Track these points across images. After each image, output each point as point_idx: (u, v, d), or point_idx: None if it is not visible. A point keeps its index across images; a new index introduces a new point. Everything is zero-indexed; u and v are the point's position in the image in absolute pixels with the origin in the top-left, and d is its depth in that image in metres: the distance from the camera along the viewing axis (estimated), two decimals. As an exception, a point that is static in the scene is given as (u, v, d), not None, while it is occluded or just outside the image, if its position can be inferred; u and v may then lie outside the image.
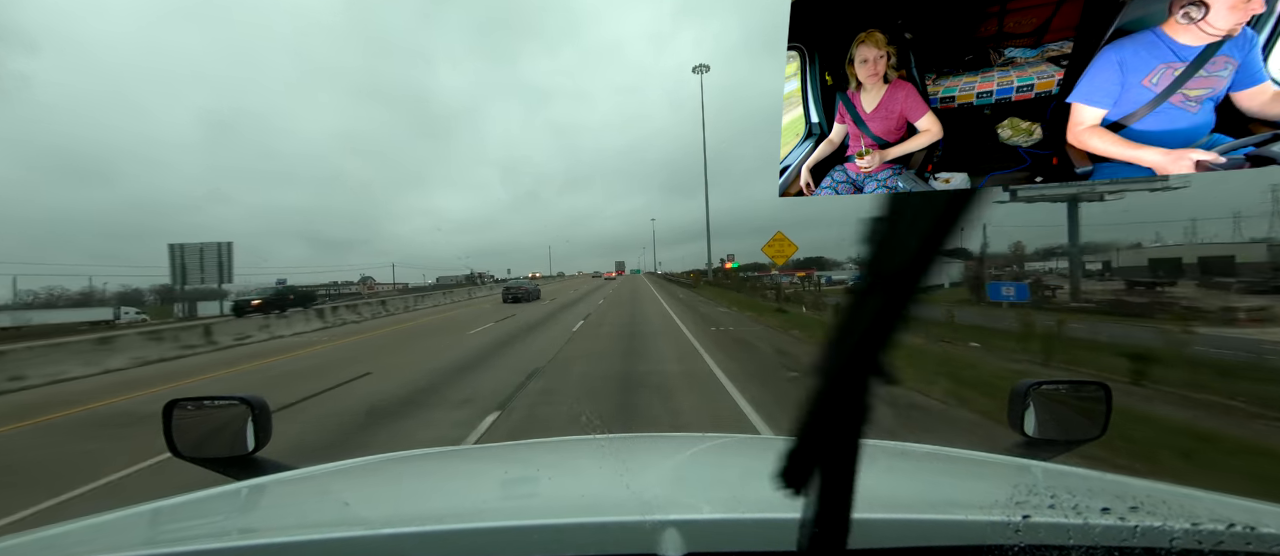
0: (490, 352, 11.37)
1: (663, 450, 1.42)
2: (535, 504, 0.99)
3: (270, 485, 1.13)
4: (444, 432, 5.62)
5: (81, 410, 7.65)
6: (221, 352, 14.58)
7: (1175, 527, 0.64)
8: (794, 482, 0.53)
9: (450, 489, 1.11)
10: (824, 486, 0.53)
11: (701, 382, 7.74)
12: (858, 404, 0.50)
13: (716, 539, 0.69)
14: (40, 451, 5.78)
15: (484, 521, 0.75)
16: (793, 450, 0.53)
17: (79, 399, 8.49)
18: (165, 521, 0.93)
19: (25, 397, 9.12)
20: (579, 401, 6.66)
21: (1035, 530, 0.65)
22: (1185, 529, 0.64)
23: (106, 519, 0.88)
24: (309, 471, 1.24)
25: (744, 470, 1.19)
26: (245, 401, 1.32)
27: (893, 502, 0.90)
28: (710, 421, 5.78)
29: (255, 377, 10.12)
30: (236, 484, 1.15)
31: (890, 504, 0.88)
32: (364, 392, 7.71)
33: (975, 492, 0.98)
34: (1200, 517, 0.67)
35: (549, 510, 0.91)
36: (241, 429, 1.31)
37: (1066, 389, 1.35)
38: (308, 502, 1.04)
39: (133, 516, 0.91)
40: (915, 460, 1.24)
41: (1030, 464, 1.11)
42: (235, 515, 0.96)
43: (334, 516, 0.91)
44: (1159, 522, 0.65)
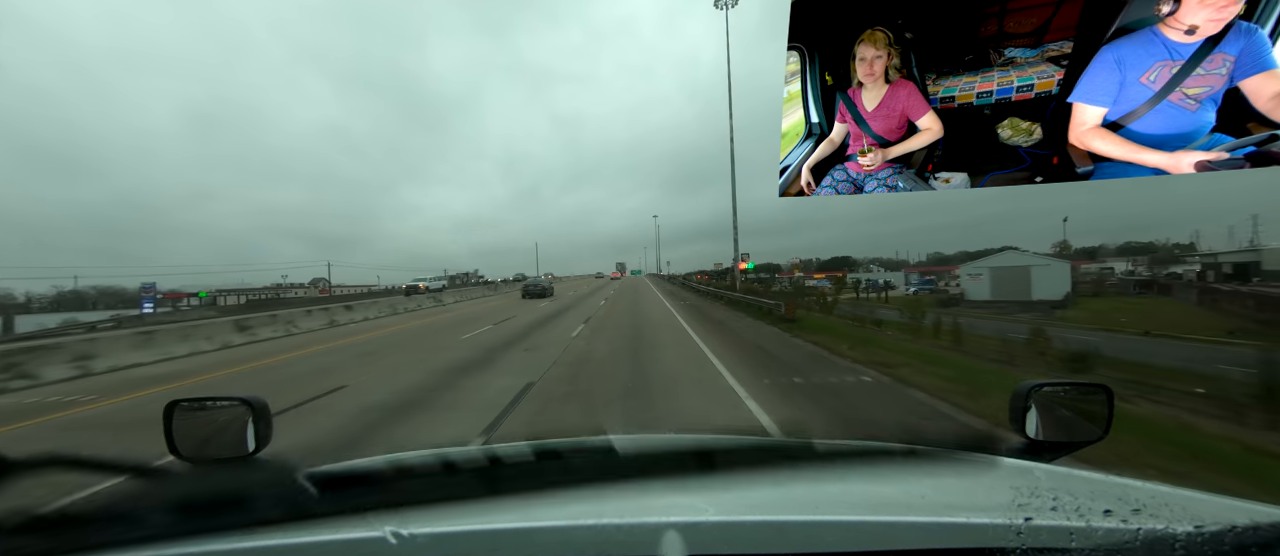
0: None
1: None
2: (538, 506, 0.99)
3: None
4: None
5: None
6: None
7: (1178, 530, 0.64)
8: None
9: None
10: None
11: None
12: None
13: (718, 541, 0.69)
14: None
15: (486, 523, 0.75)
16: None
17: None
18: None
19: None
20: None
21: (1038, 532, 0.65)
22: (1188, 531, 0.64)
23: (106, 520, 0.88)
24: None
25: (750, 472, 1.19)
26: (246, 402, 1.33)
27: (895, 504, 0.90)
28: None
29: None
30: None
31: (892, 505, 0.88)
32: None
33: (977, 494, 0.98)
34: (1203, 520, 0.66)
35: (551, 512, 0.91)
36: (242, 430, 1.31)
37: (1068, 390, 1.35)
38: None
39: (132, 518, 0.90)
40: (917, 462, 1.24)
41: (1032, 466, 1.11)
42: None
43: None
44: (1162, 525, 0.65)
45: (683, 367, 8.74)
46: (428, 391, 7.38)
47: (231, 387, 8.57)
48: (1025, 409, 1.27)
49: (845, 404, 6.53)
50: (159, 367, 11.06)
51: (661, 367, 8.73)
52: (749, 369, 8.58)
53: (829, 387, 7.31)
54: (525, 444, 0.95)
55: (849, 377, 8.00)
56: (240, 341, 14.85)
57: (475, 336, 13.92)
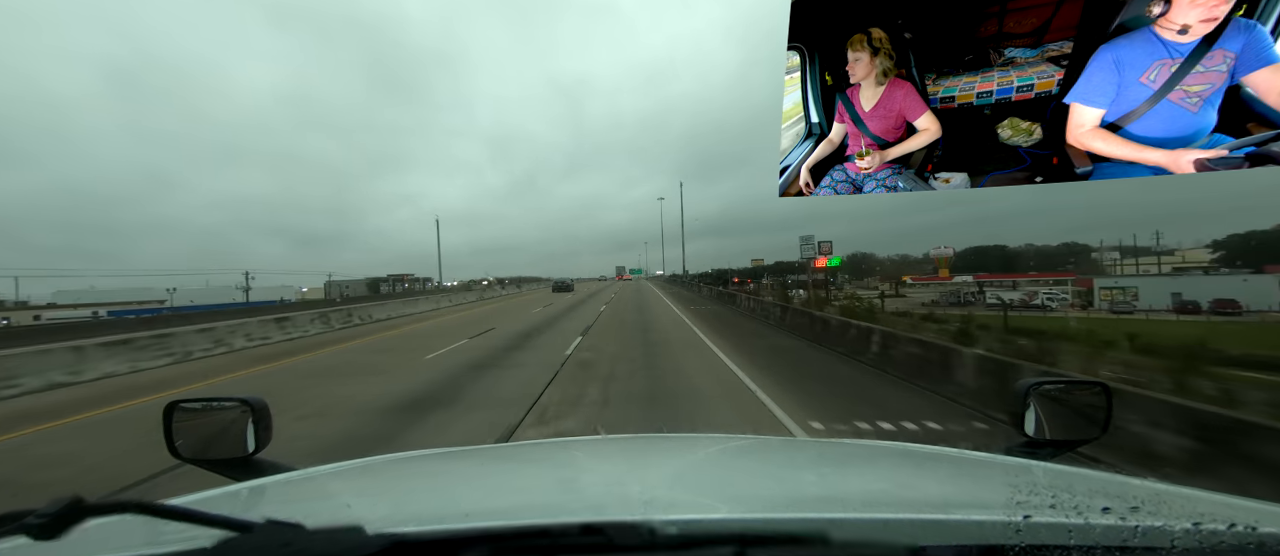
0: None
1: (667, 450, 1.42)
2: (536, 503, 0.99)
3: (270, 486, 1.13)
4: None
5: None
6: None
7: (1176, 527, 0.64)
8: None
9: (451, 490, 1.11)
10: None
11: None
12: None
13: (717, 538, 0.69)
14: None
15: (485, 521, 0.75)
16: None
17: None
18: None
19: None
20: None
21: (1036, 530, 0.65)
22: (1186, 529, 0.64)
23: (107, 521, 0.88)
24: (310, 472, 1.24)
25: (749, 470, 1.19)
26: (246, 403, 1.33)
27: (893, 501, 0.90)
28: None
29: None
30: (237, 485, 1.15)
31: (890, 502, 0.88)
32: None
33: (976, 492, 0.98)
34: (1202, 517, 0.67)
35: (550, 510, 0.91)
36: (242, 430, 1.32)
37: (1067, 389, 1.35)
38: (309, 503, 1.04)
39: (132, 518, 0.90)
40: (916, 460, 1.24)
41: (1031, 463, 1.11)
42: (235, 516, 0.96)
43: (335, 517, 0.90)
44: (1160, 523, 0.65)
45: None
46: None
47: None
48: (1025, 406, 1.27)
49: None
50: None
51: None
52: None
53: None
54: (528, 444, 0.93)
55: None
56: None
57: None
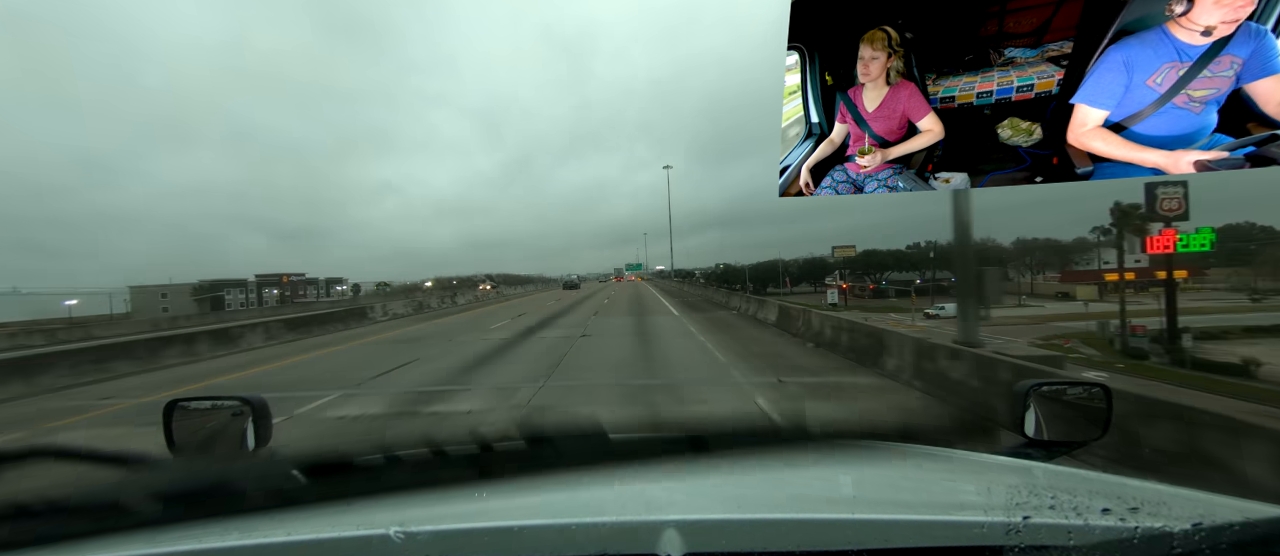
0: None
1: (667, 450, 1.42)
2: (537, 502, 0.99)
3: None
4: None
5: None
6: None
7: (1176, 529, 0.64)
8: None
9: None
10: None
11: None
12: None
13: (717, 539, 0.69)
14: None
15: (486, 521, 0.75)
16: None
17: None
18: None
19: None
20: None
21: (1036, 531, 0.65)
22: (1186, 529, 0.64)
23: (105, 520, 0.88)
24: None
25: (749, 471, 1.19)
26: (246, 402, 1.32)
27: (893, 503, 0.90)
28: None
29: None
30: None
31: (891, 504, 0.88)
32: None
33: (976, 493, 0.98)
34: (1201, 518, 0.67)
35: (550, 509, 0.91)
36: (242, 430, 1.31)
37: (1067, 389, 1.35)
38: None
39: (119, 506, 0.91)
40: (915, 460, 1.24)
41: (1031, 464, 1.11)
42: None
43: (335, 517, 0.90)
44: (1160, 523, 0.65)
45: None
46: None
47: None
48: (1024, 407, 1.27)
49: None
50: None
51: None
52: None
53: None
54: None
55: None
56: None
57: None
